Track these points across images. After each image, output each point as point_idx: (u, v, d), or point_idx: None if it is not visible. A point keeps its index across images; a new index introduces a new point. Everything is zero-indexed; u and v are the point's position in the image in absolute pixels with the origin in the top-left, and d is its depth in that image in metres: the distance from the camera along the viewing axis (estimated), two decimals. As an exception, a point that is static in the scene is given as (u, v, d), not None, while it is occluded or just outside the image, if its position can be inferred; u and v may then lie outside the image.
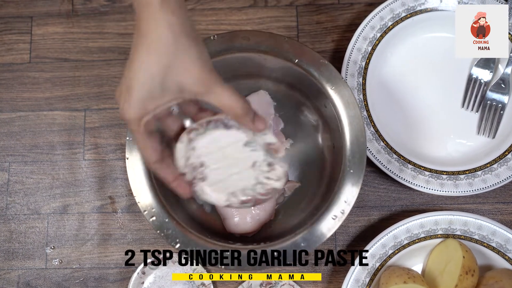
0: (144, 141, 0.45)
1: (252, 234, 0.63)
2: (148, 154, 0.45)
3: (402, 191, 0.67)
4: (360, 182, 0.56)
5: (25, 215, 0.68)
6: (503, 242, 0.61)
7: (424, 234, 0.62)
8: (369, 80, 0.67)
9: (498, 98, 0.67)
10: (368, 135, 0.64)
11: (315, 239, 0.55)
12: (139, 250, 0.61)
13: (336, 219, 0.55)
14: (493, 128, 0.67)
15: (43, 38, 0.73)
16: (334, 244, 0.66)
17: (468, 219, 0.61)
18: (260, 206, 0.62)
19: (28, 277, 0.66)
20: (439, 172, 0.64)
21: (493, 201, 0.66)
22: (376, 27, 0.67)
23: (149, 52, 0.42)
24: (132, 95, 0.42)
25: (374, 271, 0.61)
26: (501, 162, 0.64)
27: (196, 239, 0.56)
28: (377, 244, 0.61)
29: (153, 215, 0.56)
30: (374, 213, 0.67)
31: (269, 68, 0.63)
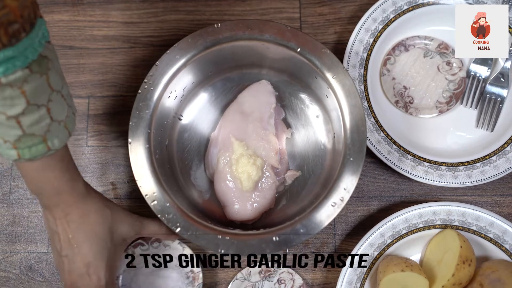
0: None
1: (252, 222, 0.64)
2: None
3: (402, 182, 0.67)
4: (359, 170, 0.56)
5: (28, 200, 0.69)
6: (500, 233, 0.61)
7: (423, 224, 0.62)
8: (371, 71, 0.67)
9: (497, 92, 0.67)
10: (369, 126, 0.65)
11: (314, 225, 0.55)
12: (139, 254, 0.63)
13: (335, 206, 0.56)
14: (492, 122, 0.67)
15: (49, 26, 0.72)
16: (333, 233, 0.67)
17: (466, 210, 0.62)
18: (260, 194, 0.63)
19: (30, 261, 0.67)
20: (438, 163, 0.64)
21: (492, 193, 0.67)
22: (378, 19, 0.68)
23: (92, 230, 0.52)
24: (97, 267, 0.52)
25: (373, 259, 0.62)
26: (500, 155, 0.64)
27: (196, 224, 0.56)
28: (375, 233, 0.62)
29: (154, 199, 0.57)
30: (373, 203, 0.67)
31: (271, 57, 0.63)
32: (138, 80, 0.70)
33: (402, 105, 0.69)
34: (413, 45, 0.70)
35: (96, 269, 0.52)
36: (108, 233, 0.53)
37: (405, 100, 0.69)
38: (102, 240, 0.53)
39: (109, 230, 0.54)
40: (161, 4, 0.74)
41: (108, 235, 0.53)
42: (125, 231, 0.56)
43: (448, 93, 0.69)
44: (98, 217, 0.53)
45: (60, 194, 0.50)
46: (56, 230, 0.52)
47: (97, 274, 0.52)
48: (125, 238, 0.56)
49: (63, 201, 0.51)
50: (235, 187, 0.63)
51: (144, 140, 0.58)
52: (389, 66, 0.70)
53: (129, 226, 0.56)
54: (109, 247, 0.53)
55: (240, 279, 0.65)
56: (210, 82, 0.67)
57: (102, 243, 0.53)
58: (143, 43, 0.73)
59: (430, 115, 0.68)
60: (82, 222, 0.52)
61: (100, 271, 0.52)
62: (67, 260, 0.52)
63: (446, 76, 0.69)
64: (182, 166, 0.66)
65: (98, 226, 0.53)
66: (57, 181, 0.49)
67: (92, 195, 0.54)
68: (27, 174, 0.49)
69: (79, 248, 0.51)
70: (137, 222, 0.58)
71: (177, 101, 0.63)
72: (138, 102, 0.59)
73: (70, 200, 0.51)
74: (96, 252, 0.52)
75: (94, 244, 0.52)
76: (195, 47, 0.60)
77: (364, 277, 0.62)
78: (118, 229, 0.55)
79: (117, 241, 0.55)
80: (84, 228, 0.52)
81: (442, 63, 0.69)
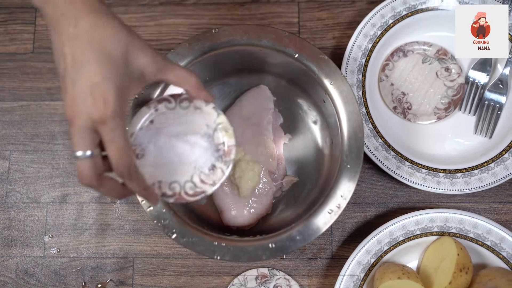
0: (125, 139, 0.42)
1: (249, 227, 0.64)
2: (130, 153, 0.42)
3: (399, 188, 0.67)
4: (357, 177, 0.56)
5: (24, 204, 0.69)
6: (497, 241, 0.61)
7: (420, 231, 0.62)
8: (369, 77, 0.67)
9: (495, 99, 0.67)
10: (367, 132, 0.65)
11: (310, 232, 0.55)
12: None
13: (332, 213, 0.55)
14: (490, 128, 0.67)
15: (47, 29, 0.74)
16: (330, 239, 0.66)
17: (463, 217, 0.62)
18: (257, 200, 0.63)
19: (26, 265, 0.67)
20: (436, 170, 0.64)
21: (489, 201, 0.66)
22: (377, 24, 0.68)
23: (103, 46, 0.41)
24: (105, 89, 0.41)
25: (369, 266, 0.62)
26: (498, 162, 0.64)
27: (192, 230, 0.56)
28: (372, 240, 0.62)
29: (150, 205, 0.56)
30: (370, 210, 0.67)
31: (269, 62, 0.63)
32: (136, 84, 0.70)
33: (400, 111, 0.68)
34: (412, 51, 0.70)
35: (103, 92, 0.40)
36: (122, 57, 0.42)
37: (403, 106, 0.68)
38: (114, 62, 0.42)
39: (124, 55, 0.42)
40: (160, 8, 0.73)
41: (122, 59, 0.42)
42: (144, 63, 0.44)
43: (446, 99, 0.68)
44: (113, 34, 0.42)
45: (71, 1, 0.41)
46: (62, 50, 0.42)
47: (104, 98, 0.40)
48: (144, 72, 0.45)
49: (73, 8, 0.41)
50: (232, 192, 0.63)
51: (141, 146, 0.58)
52: (387, 71, 0.69)
53: (151, 59, 0.44)
54: (122, 73, 0.42)
55: (236, 285, 0.64)
56: (208, 87, 0.67)
57: (114, 66, 0.42)
58: (141, 46, 0.72)
59: (428, 121, 0.68)
60: (93, 36, 0.41)
61: (107, 94, 0.40)
62: (71, 83, 0.41)
63: (444, 82, 0.69)
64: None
65: (111, 43, 0.42)
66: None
67: (109, 12, 0.43)
68: None
69: (86, 66, 0.41)
70: (160, 58, 0.46)
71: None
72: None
73: (83, 8, 0.41)
74: (105, 73, 0.41)
75: (103, 64, 0.41)
76: (193, 52, 0.60)
77: (360, 284, 0.61)
78: (136, 58, 0.43)
79: (133, 72, 0.44)
80: (94, 43, 0.41)
81: (441, 69, 0.69)
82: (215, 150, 0.49)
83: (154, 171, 0.48)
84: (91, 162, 0.41)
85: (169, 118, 0.49)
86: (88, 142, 0.41)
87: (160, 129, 0.49)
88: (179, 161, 0.48)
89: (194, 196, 0.48)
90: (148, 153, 0.48)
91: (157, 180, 0.48)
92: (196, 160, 0.48)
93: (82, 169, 0.41)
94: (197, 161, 0.48)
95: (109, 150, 0.41)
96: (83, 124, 0.40)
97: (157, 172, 0.48)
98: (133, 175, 0.43)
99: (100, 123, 0.40)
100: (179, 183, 0.48)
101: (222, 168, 0.48)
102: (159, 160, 0.48)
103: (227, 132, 0.49)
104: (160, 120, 0.49)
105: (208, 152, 0.49)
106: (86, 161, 0.41)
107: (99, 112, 0.40)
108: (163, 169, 0.48)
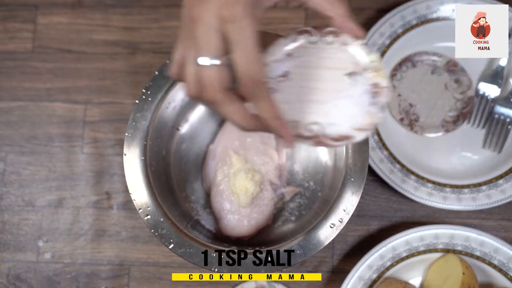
0: (256, 44, 0.35)
1: (248, 238, 0.62)
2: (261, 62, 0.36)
3: (404, 202, 0.65)
4: (360, 191, 0.54)
5: (19, 207, 0.67)
6: (505, 260, 0.59)
7: (424, 248, 0.60)
8: (376, 87, 0.66)
9: (506, 113, 0.65)
10: (372, 144, 0.63)
11: (311, 246, 0.54)
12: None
13: (334, 228, 0.54)
14: (499, 143, 0.65)
15: (47, 28, 0.72)
16: (332, 253, 0.65)
17: (470, 234, 0.60)
18: (257, 210, 0.61)
19: (19, 270, 0.65)
20: (442, 184, 0.62)
21: (497, 217, 0.65)
22: (386, 33, 0.66)
23: None
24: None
25: (371, 282, 0.60)
26: (507, 178, 0.62)
27: (190, 240, 0.55)
28: (375, 255, 0.60)
29: (148, 214, 0.55)
30: (373, 223, 0.65)
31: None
32: (137, 87, 0.69)
33: (407, 123, 0.67)
34: (421, 61, 0.68)
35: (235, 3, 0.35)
36: None
37: (410, 117, 0.67)
38: None
39: None
40: (163, 10, 0.72)
41: None
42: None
43: (455, 112, 0.67)
44: None
45: None
46: None
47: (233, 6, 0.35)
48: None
49: None
50: (231, 201, 0.61)
51: (140, 152, 0.56)
52: (395, 82, 0.68)
53: None
54: None
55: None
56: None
57: None
58: (143, 49, 0.71)
59: (436, 134, 0.66)
60: None
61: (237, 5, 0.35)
62: None
63: (453, 94, 0.67)
64: (179, 178, 0.64)
65: None
66: None
67: None
68: None
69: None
70: None
71: (175, 111, 0.62)
72: (135, 113, 0.57)
73: None
74: None
75: None
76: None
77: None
78: None
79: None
80: None
81: (450, 81, 0.67)
82: (364, 91, 0.42)
83: (289, 109, 0.41)
84: (217, 70, 0.36)
85: (310, 52, 0.42)
86: (217, 45, 0.35)
87: (299, 63, 0.42)
88: (320, 100, 0.42)
89: (338, 140, 0.41)
90: (283, 88, 0.42)
91: (292, 119, 0.41)
92: (341, 101, 0.42)
93: (206, 78, 0.36)
94: (343, 102, 0.42)
95: (236, 55, 0.35)
96: (211, 23, 0.35)
97: (292, 110, 0.42)
98: (263, 91, 0.37)
99: (229, 21, 0.35)
100: (319, 125, 0.41)
101: (374, 113, 0.42)
102: (296, 97, 0.42)
103: (379, 72, 0.42)
104: (299, 54, 0.42)
105: (356, 93, 0.42)
106: (213, 68, 0.36)
107: (228, 7, 0.35)
108: (300, 108, 0.42)
